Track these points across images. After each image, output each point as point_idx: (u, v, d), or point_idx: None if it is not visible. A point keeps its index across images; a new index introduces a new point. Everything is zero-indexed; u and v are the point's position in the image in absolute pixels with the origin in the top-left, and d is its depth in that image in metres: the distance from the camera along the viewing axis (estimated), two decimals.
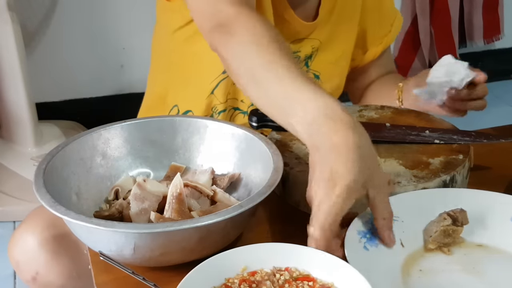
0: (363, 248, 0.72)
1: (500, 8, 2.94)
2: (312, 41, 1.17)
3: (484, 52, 3.05)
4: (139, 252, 0.71)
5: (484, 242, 0.78)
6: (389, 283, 0.70)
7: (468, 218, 0.77)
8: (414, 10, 2.85)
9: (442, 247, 0.76)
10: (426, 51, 2.88)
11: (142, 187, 0.82)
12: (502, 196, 0.81)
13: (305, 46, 1.17)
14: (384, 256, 0.73)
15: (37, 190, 0.74)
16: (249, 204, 0.71)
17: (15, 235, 1.00)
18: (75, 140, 0.85)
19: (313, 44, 1.17)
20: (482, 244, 0.78)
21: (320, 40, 1.17)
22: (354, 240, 0.72)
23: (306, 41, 1.16)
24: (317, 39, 1.17)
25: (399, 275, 0.72)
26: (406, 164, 0.89)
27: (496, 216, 0.80)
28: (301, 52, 1.17)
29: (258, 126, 0.98)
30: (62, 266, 0.99)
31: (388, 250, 0.74)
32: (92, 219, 0.70)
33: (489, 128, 1.09)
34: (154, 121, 0.91)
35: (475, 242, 0.78)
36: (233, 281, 0.68)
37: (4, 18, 2.01)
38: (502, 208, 0.80)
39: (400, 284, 0.71)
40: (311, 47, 1.17)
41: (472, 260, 0.75)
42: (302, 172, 0.87)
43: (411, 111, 1.05)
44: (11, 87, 2.11)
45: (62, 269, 0.99)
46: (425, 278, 0.72)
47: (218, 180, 0.87)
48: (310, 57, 1.18)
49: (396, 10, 1.29)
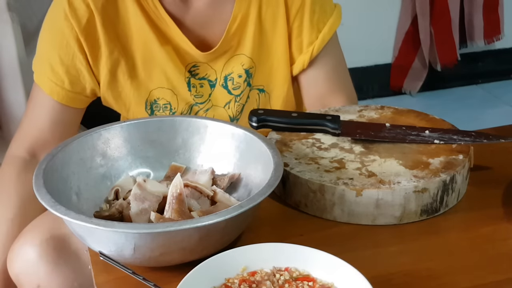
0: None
1: (500, 8, 2.95)
2: (240, 58, 1.14)
3: (484, 52, 3.06)
4: (139, 252, 0.71)
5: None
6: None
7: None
8: (414, 10, 2.85)
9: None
10: (426, 51, 2.89)
11: (142, 187, 0.82)
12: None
13: (236, 65, 1.14)
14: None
15: (37, 190, 0.74)
16: (249, 204, 0.71)
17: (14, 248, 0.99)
18: (75, 140, 0.85)
19: (242, 61, 1.14)
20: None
21: (247, 55, 1.14)
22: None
23: (235, 59, 1.14)
24: (243, 54, 1.14)
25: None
26: (406, 164, 0.89)
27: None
28: (234, 72, 1.14)
29: (258, 126, 0.98)
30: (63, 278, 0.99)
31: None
32: (92, 219, 0.70)
33: (489, 128, 1.09)
34: (154, 121, 0.91)
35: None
36: (233, 281, 0.68)
37: (4, 18, 2.01)
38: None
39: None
40: (241, 64, 1.14)
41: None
42: (302, 172, 0.87)
43: (411, 111, 1.05)
44: (11, 87, 2.11)
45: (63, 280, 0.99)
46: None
47: (218, 180, 0.87)
48: (250, 75, 1.15)
49: (335, 8, 1.17)
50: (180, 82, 1.13)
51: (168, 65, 1.11)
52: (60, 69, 1.10)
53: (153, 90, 1.13)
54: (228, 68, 1.14)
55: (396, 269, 0.77)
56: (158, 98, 1.13)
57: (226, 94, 1.16)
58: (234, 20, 1.12)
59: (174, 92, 1.13)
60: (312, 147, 0.94)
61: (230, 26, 1.12)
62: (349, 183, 0.84)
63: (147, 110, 1.14)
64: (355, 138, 0.95)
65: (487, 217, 0.86)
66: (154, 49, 1.11)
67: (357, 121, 1.01)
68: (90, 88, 1.12)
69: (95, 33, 1.08)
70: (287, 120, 0.98)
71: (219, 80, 1.15)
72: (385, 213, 0.84)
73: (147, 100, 1.13)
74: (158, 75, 1.12)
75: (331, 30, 1.17)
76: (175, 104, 1.14)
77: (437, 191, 0.85)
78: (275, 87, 1.19)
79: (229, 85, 1.15)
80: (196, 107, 1.16)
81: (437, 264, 0.77)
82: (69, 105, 1.12)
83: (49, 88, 1.10)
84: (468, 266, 0.77)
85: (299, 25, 1.15)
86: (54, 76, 1.10)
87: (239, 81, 1.15)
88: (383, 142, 0.94)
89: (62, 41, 1.09)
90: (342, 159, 0.90)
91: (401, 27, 2.92)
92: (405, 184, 0.84)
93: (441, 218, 0.87)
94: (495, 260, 0.78)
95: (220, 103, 1.17)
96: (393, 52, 2.97)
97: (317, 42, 1.16)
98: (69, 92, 1.11)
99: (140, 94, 1.13)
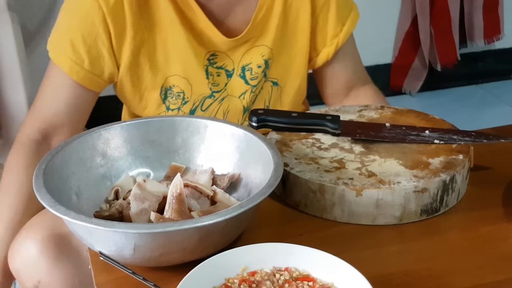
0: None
1: (500, 8, 2.95)
2: (260, 49, 1.16)
3: (484, 52, 3.06)
4: (139, 252, 0.71)
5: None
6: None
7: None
8: (414, 10, 2.85)
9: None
10: (426, 51, 2.88)
11: (142, 187, 0.82)
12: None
13: (255, 55, 1.16)
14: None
15: (37, 190, 0.74)
16: (249, 204, 0.71)
17: (15, 243, 0.99)
18: (75, 140, 0.85)
19: (262, 52, 1.16)
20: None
21: (269, 46, 1.16)
22: None
23: (255, 49, 1.16)
24: (264, 45, 1.16)
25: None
26: (406, 164, 0.89)
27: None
28: (253, 63, 1.16)
29: (258, 126, 0.98)
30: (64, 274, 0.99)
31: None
32: (92, 219, 0.70)
33: (489, 128, 1.09)
34: (154, 121, 0.91)
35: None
36: (233, 281, 0.68)
37: (4, 18, 2.01)
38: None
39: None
40: (261, 55, 1.16)
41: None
42: (302, 172, 0.87)
43: (411, 111, 1.05)
44: (11, 87, 2.11)
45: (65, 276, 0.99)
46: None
47: (218, 180, 0.87)
48: (268, 67, 1.18)
49: (353, 5, 1.24)
50: (199, 69, 1.14)
51: (187, 51, 1.12)
52: (81, 48, 1.09)
53: (169, 76, 1.13)
54: (246, 59, 1.16)
55: (396, 269, 0.77)
56: (173, 86, 1.14)
57: (242, 84, 1.18)
58: (260, 9, 1.14)
59: (189, 82, 1.14)
60: (312, 147, 0.94)
61: (256, 15, 1.13)
62: (349, 183, 0.84)
63: (161, 95, 1.14)
64: (355, 138, 0.95)
65: (487, 217, 0.86)
66: (177, 35, 1.11)
67: (357, 121, 1.01)
68: (109, 72, 1.11)
69: (122, 14, 1.08)
70: (287, 120, 0.98)
71: (237, 70, 1.17)
72: (385, 213, 0.84)
73: (163, 85, 1.14)
74: (176, 62, 1.13)
75: (353, 23, 1.23)
76: (189, 94, 1.15)
77: (437, 191, 0.85)
78: (288, 80, 1.21)
79: (247, 75, 1.17)
80: (209, 100, 1.17)
81: (437, 264, 0.77)
82: (87, 87, 1.11)
83: (69, 67, 1.09)
84: (468, 266, 0.77)
85: (324, 17, 1.19)
86: (74, 55, 1.09)
87: (257, 71, 1.17)
88: (383, 142, 0.94)
89: (87, 20, 1.08)
90: (342, 159, 0.90)
91: (401, 27, 2.92)
92: (405, 184, 0.84)
93: (441, 218, 0.87)
94: (495, 260, 0.78)
95: (235, 93, 1.18)
96: (393, 52, 2.97)
97: (341, 34, 1.21)
98: (89, 72, 1.10)
99: (157, 79, 1.13)
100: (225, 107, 1.18)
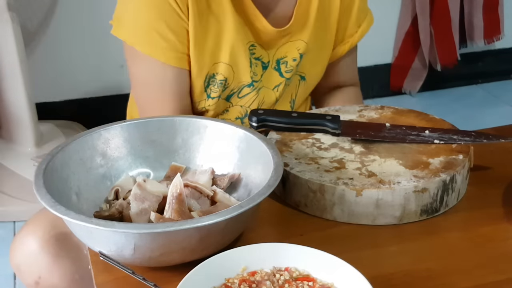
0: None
1: (500, 8, 2.94)
2: (297, 43, 1.17)
3: (484, 52, 3.05)
4: (139, 252, 0.71)
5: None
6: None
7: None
8: (414, 10, 2.85)
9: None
10: (426, 51, 2.88)
11: (142, 187, 0.82)
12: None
13: (291, 49, 1.17)
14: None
15: (37, 190, 0.74)
16: (249, 204, 0.71)
17: (16, 239, 1.00)
18: (75, 140, 0.85)
19: (298, 46, 1.18)
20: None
21: (305, 41, 1.17)
22: None
23: (290, 44, 1.17)
24: (301, 40, 1.17)
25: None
26: (406, 164, 0.89)
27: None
28: (288, 56, 1.17)
29: (258, 126, 0.98)
30: (64, 269, 0.99)
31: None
32: (92, 219, 0.70)
33: (489, 128, 1.09)
34: (154, 121, 0.91)
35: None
36: (233, 281, 0.68)
37: (4, 18, 2.01)
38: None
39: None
40: (297, 49, 1.18)
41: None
42: (302, 172, 0.87)
43: (411, 111, 1.05)
44: (11, 87, 2.11)
45: (65, 272, 0.99)
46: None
47: (218, 180, 0.87)
48: (301, 60, 1.19)
49: (369, 11, 1.28)
50: (244, 57, 1.14)
51: (237, 39, 1.12)
52: (171, 36, 1.08)
53: (216, 63, 1.13)
54: (281, 52, 1.17)
55: (396, 269, 0.77)
56: (217, 73, 1.13)
57: (277, 77, 1.19)
58: (300, 4, 1.15)
59: (233, 69, 1.14)
60: (312, 147, 0.94)
61: (297, 9, 1.15)
62: (349, 183, 0.84)
63: (205, 83, 1.13)
64: (355, 138, 0.95)
65: (487, 217, 0.86)
66: (229, 22, 1.11)
67: (357, 121, 1.01)
68: (188, 47, 1.11)
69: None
70: (287, 120, 0.98)
71: (271, 63, 1.18)
72: (385, 213, 0.84)
73: (208, 73, 1.13)
74: (225, 49, 1.12)
75: (368, 26, 1.27)
76: (230, 81, 1.15)
77: (437, 191, 0.85)
78: (314, 75, 1.24)
79: (282, 68, 1.18)
80: (248, 89, 1.17)
81: (437, 264, 0.77)
82: (184, 68, 1.11)
83: (165, 57, 1.08)
84: (468, 266, 0.77)
85: (348, 15, 1.22)
86: (167, 44, 1.08)
87: (292, 64, 1.18)
88: (383, 142, 0.94)
89: (166, 6, 1.06)
90: (342, 159, 0.90)
91: (401, 27, 2.91)
92: (405, 184, 0.84)
93: (441, 218, 0.87)
94: (495, 260, 0.78)
95: (270, 85, 1.19)
96: (393, 52, 2.97)
97: (357, 35, 1.25)
98: (183, 54, 1.10)
99: (205, 65, 1.12)
100: (260, 98, 1.18)
